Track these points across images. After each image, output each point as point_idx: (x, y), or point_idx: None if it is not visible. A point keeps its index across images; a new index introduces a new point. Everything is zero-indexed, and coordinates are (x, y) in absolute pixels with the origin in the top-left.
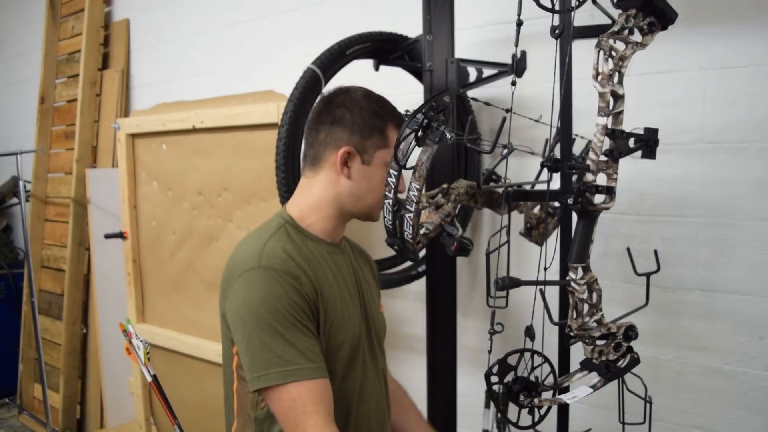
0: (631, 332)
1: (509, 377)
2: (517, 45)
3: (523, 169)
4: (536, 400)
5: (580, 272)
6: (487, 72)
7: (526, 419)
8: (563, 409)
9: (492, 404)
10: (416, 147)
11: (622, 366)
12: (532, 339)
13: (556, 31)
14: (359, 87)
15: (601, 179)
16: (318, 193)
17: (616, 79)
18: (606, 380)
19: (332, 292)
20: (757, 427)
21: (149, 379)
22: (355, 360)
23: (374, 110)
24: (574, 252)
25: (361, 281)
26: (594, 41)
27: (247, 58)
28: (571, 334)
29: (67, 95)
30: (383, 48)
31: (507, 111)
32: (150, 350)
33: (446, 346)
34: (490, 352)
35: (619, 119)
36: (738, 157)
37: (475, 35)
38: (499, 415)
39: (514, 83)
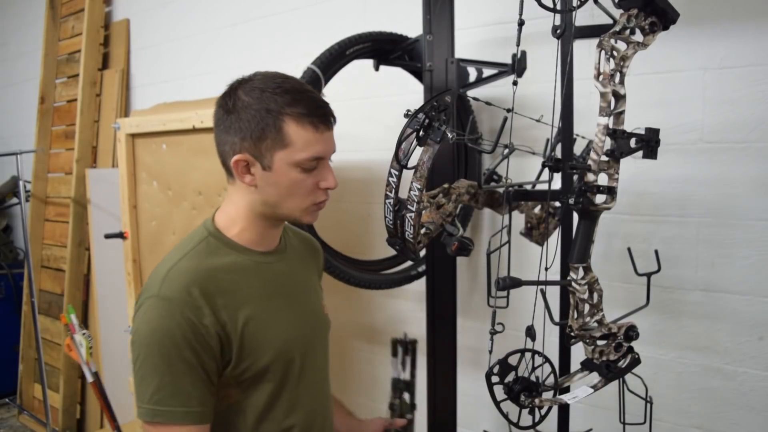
0: (631, 332)
1: (510, 377)
2: (518, 45)
3: (524, 169)
4: (537, 401)
5: (581, 272)
6: (487, 72)
7: (526, 419)
8: (564, 410)
9: (399, 353)
10: (417, 147)
11: (623, 366)
12: (533, 339)
13: (558, 31)
14: (260, 75)
15: (602, 179)
16: (236, 201)
17: (617, 79)
18: (607, 380)
19: (251, 314)
20: (757, 427)
21: (90, 379)
22: (289, 375)
23: (265, 106)
24: (575, 252)
25: (301, 287)
26: (595, 41)
27: (247, 58)
28: (572, 334)
29: (67, 95)
30: (383, 48)
31: (508, 111)
32: (93, 345)
33: (446, 346)
34: (490, 352)
35: (621, 119)
36: (738, 157)
37: (475, 35)
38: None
39: (515, 83)
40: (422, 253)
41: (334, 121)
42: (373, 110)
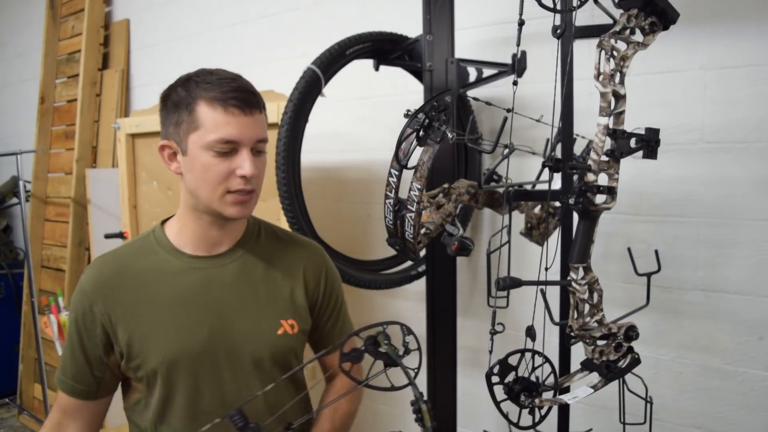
0: (631, 332)
1: (510, 377)
2: (518, 45)
3: (524, 169)
4: (537, 401)
5: (581, 272)
6: (487, 72)
7: (526, 419)
8: (564, 410)
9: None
10: (417, 147)
11: (623, 366)
12: (533, 339)
13: (558, 31)
14: (202, 70)
15: (602, 179)
16: (180, 198)
17: (617, 79)
18: (607, 380)
19: (146, 316)
20: (757, 427)
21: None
22: (177, 387)
23: (182, 92)
24: (575, 252)
25: (240, 300)
26: (595, 41)
27: (247, 58)
28: (572, 334)
29: (67, 95)
30: (383, 48)
31: (508, 111)
32: None
33: (446, 346)
34: (490, 352)
35: (621, 119)
36: (738, 157)
37: (475, 35)
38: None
39: (515, 83)
40: (422, 253)
41: (257, 108)
42: (373, 110)
